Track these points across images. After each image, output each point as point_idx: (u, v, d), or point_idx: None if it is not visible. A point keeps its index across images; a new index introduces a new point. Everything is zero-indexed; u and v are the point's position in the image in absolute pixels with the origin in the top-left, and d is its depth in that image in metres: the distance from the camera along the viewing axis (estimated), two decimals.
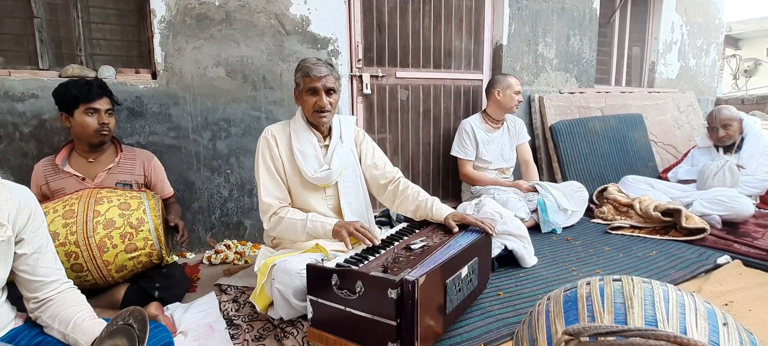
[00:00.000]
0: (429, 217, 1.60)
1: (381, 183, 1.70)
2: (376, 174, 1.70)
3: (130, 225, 1.48)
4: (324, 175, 1.55)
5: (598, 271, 1.89)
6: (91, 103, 1.58)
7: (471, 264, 1.33)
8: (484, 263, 1.47)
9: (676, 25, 4.16)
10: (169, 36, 2.05)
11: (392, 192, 1.68)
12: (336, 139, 1.61)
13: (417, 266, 1.15)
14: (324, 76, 1.50)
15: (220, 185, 2.26)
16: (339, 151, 1.59)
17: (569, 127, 3.11)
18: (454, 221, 1.52)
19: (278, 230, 1.52)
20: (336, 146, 1.59)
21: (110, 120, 1.65)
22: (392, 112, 2.72)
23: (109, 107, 1.64)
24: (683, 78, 4.36)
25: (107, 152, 1.69)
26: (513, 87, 2.57)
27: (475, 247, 1.36)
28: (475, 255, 1.36)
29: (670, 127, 3.89)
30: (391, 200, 1.69)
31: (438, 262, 1.17)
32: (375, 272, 1.10)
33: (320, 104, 1.51)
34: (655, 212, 2.47)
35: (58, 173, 1.61)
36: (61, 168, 1.61)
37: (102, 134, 1.62)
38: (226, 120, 2.22)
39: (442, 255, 1.24)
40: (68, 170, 1.61)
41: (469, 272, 1.32)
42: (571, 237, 2.39)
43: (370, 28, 2.58)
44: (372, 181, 1.72)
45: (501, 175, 2.74)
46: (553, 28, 3.21)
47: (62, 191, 1.60)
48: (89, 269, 1.44)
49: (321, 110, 1.52)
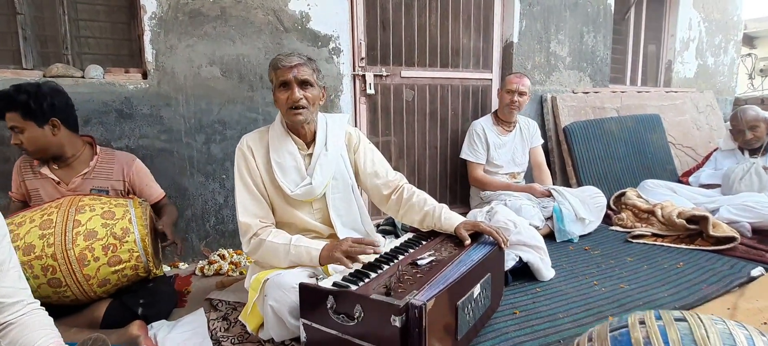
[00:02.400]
0: (437, 227, 1.45)
1: (384, 193, 1.53)
2: (377, 183, 1.53)
3: (114, 236, 1.36)
4: (304, 190, 1.36)
5: (622, 285, 1.73)
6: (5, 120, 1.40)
7: (484, 281, 1.19)
8: (497, 278, 1.33)
9: (693, 21, 3.98)
10: (161, 33, 1.94)
11: (396, 201, 1.52)
12: (320, 147, 1.40)
13: (424, 286, 1.01)
14: (295, 66, 1.30)
15: (215, 190, 2.14)
16: (323, 162, 1.39)
17: (584, 128, 2.95)
18: (465, 231, 1.37)
19: (259, 254, 1.35)
20: (319, 156, 1.39)
21: (22, 138, 1.39)
22: (397, 114, 2.59)
23: (13, 124, 1.39)
24: (701, 77, 4.17)
25: (81, 157, 1.55)
26: (507, 85, 2.43)
27: (488, 261, 1.22)
28: (487, 271, 1.22)
29: (688, 128, 3.71)
30: (396, 209, 1.53)
31: (448, 281, 1.03)
32: (376, 294, 0.96)
33: (292, 99, 1.30)
34: (679, 219, 2.30)
35: (35, 174, 1.50)
36: (38, 169, 1.49)
37: (27, 154, 1.46)
38: (221, 122, 2.10)
39: (453, 272, 1.10)
40: (44, 173, 1.50)
41: (482, 290, 1.17)
42: (589, 246, 2.23)
43: (373, 26, 2.45)
44: (373, 190, 1.55)
45: (512, 179, 2.59)
46: (565, 24, 3.05)
47: (37, 192, 1.49)
48: (68, 284, 1.32)
49: (295, 107, 1.32)
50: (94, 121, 1.86)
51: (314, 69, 1.38)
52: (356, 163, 1.54)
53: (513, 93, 2.39)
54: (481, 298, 1.17)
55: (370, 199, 1.61)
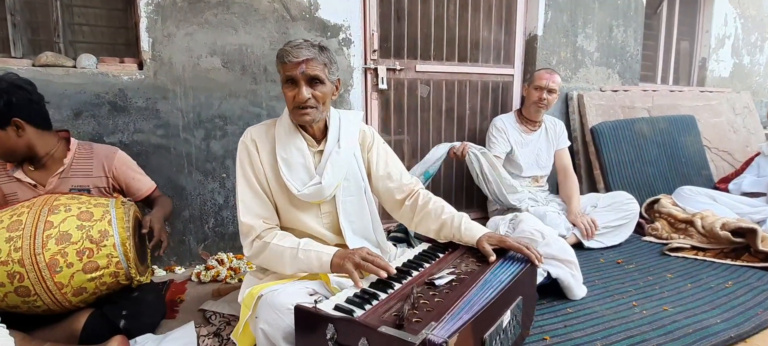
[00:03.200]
0: (457, 239, 1.27)
1: (397, 198, 1.36)
2: (390, 187, 1.36)
3: (90, 239, 1.21)
4: (313, 190, 1.21)
5: (665, 307, 1.53)
6: None
7: (514, 307, 1.00)
8: (529, 300, 1.14)
9: (729, 17, 3.70)
10: (158, 21, 1.80)
11: (410, 208, 1.35)
12: (332, 144, 1.26)
13: (444, 315, 0.84)
14: (303, 61, 1.14)
15: (215, 190, 1.99)
16: (335, 160, 1.24)
17: (613, 129, 2.72)
18: (490, 246, 1.19)
19: (262, 258, 1.21)
20: (331, 153, 1.25)
21: None
22: (411, 111, 2.41)
23: None
24: (736, 77, 3.88)
25: (55, 155, 1.39)
26: (534, 81, 2.21)
27: (518, 283, 1.03)
28: (518, 294, 1.03)
29: (725, 131, 3.44)
30: (409, 217, 1.36)
31: (473, 310, 0.85)
32: (386, 326, 0.79)
33: (298, 99, 1.16)
34: (723, 232, 2.07)
35: (10, 178, 1.36)
36: (12, 173, 1.36)
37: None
38: (222, 117, 1.95)
39: (478, 297, 0.92)
40: (19, 177, 1.36)
41: (513, 317, 0.99)
42: (622, 259, 2.02)
43: (387, 16, 2.27)
44: (386, 195, 1.38)
45: (534, 183, 2.38)
46: (594, 17, 2.83)
47: (15, 196, 1.35)
48: (38, 292, 1.18)
49: (301, 106, 1.17)
50: (86, 114, 1.73)
51: (326, 62, 1.20)
52: (369, 163, 1.38)
53: (542, 90, 2.17)
54: (511, 326, 0.99)
55: (381, 204, 1.43)
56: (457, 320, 0.83)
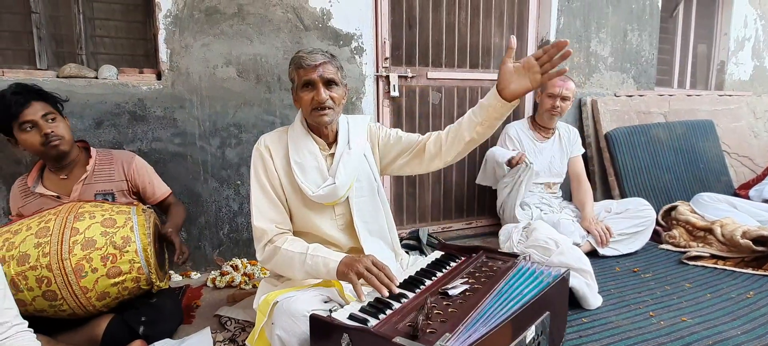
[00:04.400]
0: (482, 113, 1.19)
1: (418, 147, 1.32)
2: (409, 142, 1.34)
3: (114, 245, 1.25)
4: (327, 191, 1.23)
5: (683, 318, 1.50)
6: (19, 117, 1.31)
7: (540, 323, 0.98)
8: (558, 317, 1.11)
9: (749, 19, 3.61)
10: (176, 32, 1.85)
11: (433, 142, 1.30)
12: (343, 146, 1.29)
13: (459, 326, 0.84)
14: (320, 65, 1.21)
15: (230, 197, 2.03)
16: (346, 160, 1.27)
17: (628, 135, 2.68)
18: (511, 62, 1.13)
19: (273, 262, 1.23)
20: (342, 154, 1.28)
21: (56, 126, 1.35)
22: (423, 118, 2.41)
23: (45, 112, 1.35)
24: (757, 80, 3.79)
25: (78, 162, 1.46)
26: (548, 88, 2.17)
27: (546, 297, 1.01)
28: (545, 309, 1.01)
29: (745, 136, 3.35)
30: (438, 150, 1.29)
31: (490, 322, 0.84)
32: (401, 337, 0.79)
33: (318, 99, 1.21)
34: (744, 240, 2.02)
35: (34, 196, 1.41)
36: (33, 189, 1.40)
37: (53, 145, 1.35)
38: (237, 125, 1.99)
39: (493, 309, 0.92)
40: (40, 191, 1.40)
41: (538, 334, 0.97)
42: (638, 268, 1.98)
43: (399, 23, 2.29)
44: (408, 152, 1.34)
45: (547, 190, 2.36)
46: (607, 22, 2.80)
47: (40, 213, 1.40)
48: (64, 296, 1.22)
49: (320, 107, 1.22)
50: (107, 123, 1.78)
51: (338, 67, 1.27)
52: (384, 151, 1.39)
53: (555, 98, 2.14)
54: (535, 343, 0.97)
55: (414, 171, 1.38)
56: (472, 332, 0.83)
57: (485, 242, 2.42)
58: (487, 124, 1.21)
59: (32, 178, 1.43)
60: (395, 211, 2.41)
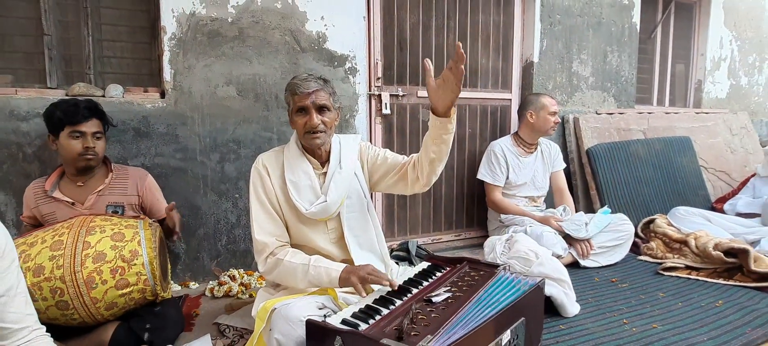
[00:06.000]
0: (432, 134, 1.25)
1: (401, 170, 1.41)
2: (396, 163, 1.42)
3: (123, 258, 1.34)
4: (319, 208, 1.34)
5: (654, 325, 1.60)
6: (77, 125, 1.46)
7: (516, 327, 1.09)
8: (534, 322, 1.22)
9: (725, 40, 3.81)
10: (180, 53, 1.96)
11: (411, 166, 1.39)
12: (334, 165, 1.39)
13: (440, 330, 0.94)
14: (313, 92, 1.30)
15: (228, 210, 2.12)
16: (337, 179, 1.38)
17: (608, 150, 2.82)
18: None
19: (275, 274, 1.33)
20: (334, 173, 1.39)
21: (97, 144, 1.51)
22: (413, 134, 2.53)
23: (97, 130, 1.52)
24: (734, 97, 3.97)
25: (97, 174, 1.57)
26: (547, 108, 2.34)
27: (522, 303, 1.11)
28: (521, 314, 1.12)
29: (722, 151, 3.51)
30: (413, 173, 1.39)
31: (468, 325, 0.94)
32: (387, 339, 0.89)
33: (311, 124, 1.31)
34: (716, 252, 2.14)
35: (49, 199, 1.50)
36: (50, 194, 1.50)
37: (86, 159, 1.49)
38: (236, 141, 2.09)
39: (473, 314, 1.02)
40: (57, 196, 1.50)
41: (513, 337, 1.07)
42: (617, 278, 2.10)
43: (390, 46, 2.42)
44: (397, 176, 1.43)
45: (531, 203, 2.48)
46: (588, 44, 2.96)
47: (53, 216, 1.49)
48: (76, 306, 1.30)
49: (312, 131, 1.32)
50: (113, 139, 1.87)
51: (331, 92, 1.37)
52: (372, 170, 1.49)
53: (554, 114, 2.35)
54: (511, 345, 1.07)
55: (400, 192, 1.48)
56: (452, 335, 0.93)
57: (473, 253, 2.53)
58: (439, 142, 1.26)
59: (50, 182, 1.52)
60: (387, 223, 2.51)
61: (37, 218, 1.52)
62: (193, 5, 1.95)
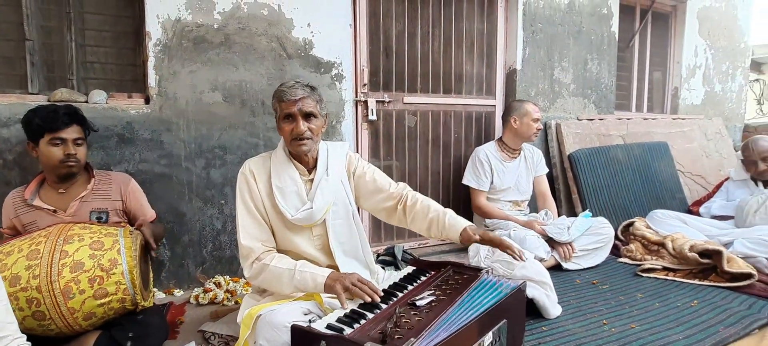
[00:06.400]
0: (444, 235, 1.41)
1: (389, 205, 1.50)
2: (380, 198, 1.50)
3: (101, 267, 1.32)
4: (305, 215, 1.35)
5: (633, 325, 1.65)
6: (56, 132, 1.44)
7: (497, 329, 1.11)
8: (516, 325, 1.24)
9: (699, 49, 3.96)
10: (165, 59, 1.95)
11: (402, 212, 1.49)
12: (321, 173, 1.41)
13: (423, 332, 0.96)
14: (300, 99, 1.32)
15: (214, 216, 2.11)
16: (324, 186, 1.39)
17: (589, 156, 2.90)
18: (473, 233, 1.36)
19: (261, 278, 1.33)
20: (320, 180, 1.40)
21: (78, 150, 1.49)
22: (399, 140, 2.56)
23: (78, 136, 1.49)
24: (709, 104, 4.12)
25: (79, 180, 1.55)
26: (531, 114, 2.40)
27: (504, 306, 1.14)
28: (503, 317, 1.14)
29: (697, 156, 3.64)
30: (403, 220, 1.50)
31: (451, 328, 0.97)
32: (371, 342, 0.91)
33: (297, 131, 1.32)
34: (691, 253, 2.22)
35: (30, 207, 1.48)
36: (30, 202, 1.47)
37: (68, 166, 1.47)
38: (222, 147, 2.09)
39: (456, 316, 1.04)
40: (37, 204, 1.47)
41: (495, 339, 1.10)
42: (597, 280, 2.15)
43: (376, 52, 2.45)
44: (379, 206, 1.52)
45: (515, 207, 2.53)
46: (569, 52, 3.05)
47: (34, 225, 1.46)
48: (52, 317, 1.28)
49: (299, 138, 1.34)
50: (96, 145, 1.85)
51: (318, 99, 1.39)
52: (357, 185, 1.52)
53: (538, 121, 2.41)
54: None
55: (378, 216, 1.56)
56: (434, 337, 0.95)
57: (458, 257, 2.56)
58: (441, 238, 1.46)
59: (30, 190, 1.49)
60: (374, 228, 2.53)
61: (18, 229, 1.49)
62: (178, 11, 1.95)
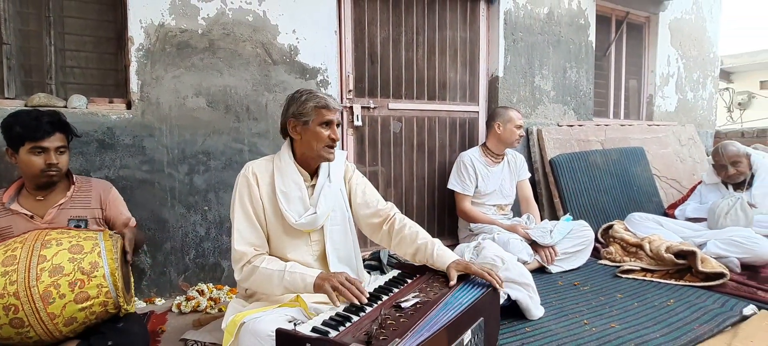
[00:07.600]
0: (430, 264, 1.42)
1: (375, 222, 1.52)
2: (367, 213, 1.53)
3: (82, 271, 1.29)
4: (309, 220, 1.37)
5: (613, 325, 1.70)
6: (38, 141, 1.40)
7: (475, 327, 1.14)
8: (491, 322, 1.28)
9: (672, 58, 4.13)
10: (148, 64, 1.93)
11: (387, 232, 1.51)
12: (323, 179, 1.44)
13: (407, 333, 0.97)
14: (337, 110, 1.43)
15: (197, 222, 2.08)
16: (326, 192, 1.42)
17: (569, 161, 2.98)
18: (456, 271, 1.34)
19: (251, 280, 1.33)
20: (323, 186, 1.42)
21: (60, 159, 1.45)
22: (384, 145, 2.59)
23: (61, 145, 1.45)
24: (681, 111, 4.30)
25: (58, 187, 1.51)
26: (514, 121, 2.46)
27: (480, 305, 1.17)
28: (480, 314, 1.17)
29: (672, 161, 3.78)
30: (387, 241, 1.52)
31: (433, 328, 0.98)
32: (356, 343, 0.91)
33: (335, 137, 1.40)
34: (668, 254, 2.29)
35: (6, 211, 1.43)
36: (8, 206, 1.43)
37: (49, 175, 1.43)
38: (206, 153, 2.07)
39: (439, 317, 1.06)
40: (15, 208, 1.43)
41: (473, 336, 1.12)
42: (579, 281, 2.20)
43: (361, 59, 2.48)
44: (363, 221, 1.54)
45: (499, 211, 2.58)
46: (549, 60, 3.14)
47: (9, 230, 1.42)
48: (31, 323, 1.23)
49: (333, 144, 1.41)
50: (75, 151, 1.81)
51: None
52: (350, 193, 1.55)
53: (520, 127, 2.47)
54: (473, 344, 1.12)
55: (359, 229, 1.58)
56: (418, 337, 0.96)
57: None
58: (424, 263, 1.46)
59: (8, 195, 1.45)
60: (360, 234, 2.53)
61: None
62: (162, 16, 1.93)
